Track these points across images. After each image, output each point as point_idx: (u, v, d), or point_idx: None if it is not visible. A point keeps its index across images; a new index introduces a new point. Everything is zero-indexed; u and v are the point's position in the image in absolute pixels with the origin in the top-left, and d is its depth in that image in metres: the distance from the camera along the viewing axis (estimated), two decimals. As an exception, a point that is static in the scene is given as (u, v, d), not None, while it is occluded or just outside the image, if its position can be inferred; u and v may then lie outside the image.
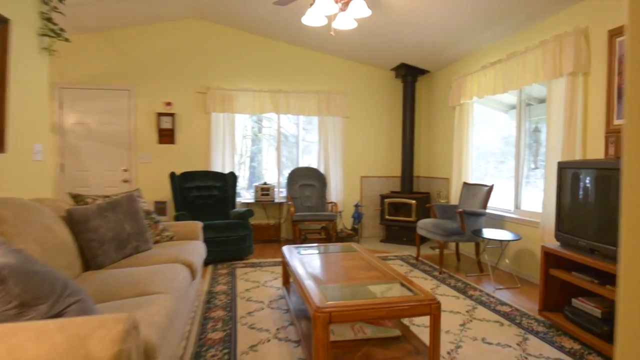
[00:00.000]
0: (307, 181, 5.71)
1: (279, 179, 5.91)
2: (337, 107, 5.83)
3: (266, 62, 5.69)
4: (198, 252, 3.04)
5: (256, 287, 3.62)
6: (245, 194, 5.88)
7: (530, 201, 4.20)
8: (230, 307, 3.10)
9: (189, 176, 5.01)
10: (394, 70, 6.01)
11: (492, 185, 4.20)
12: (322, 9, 3.12)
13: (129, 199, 2.90)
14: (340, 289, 2.24)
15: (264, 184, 5.62)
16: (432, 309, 2.02)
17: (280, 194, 5.89)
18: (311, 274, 2.51)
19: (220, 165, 5.53)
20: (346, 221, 5.99)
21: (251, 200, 5.69)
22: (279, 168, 5.91)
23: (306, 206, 5.61)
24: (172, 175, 4.84)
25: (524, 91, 4.23)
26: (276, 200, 5.66)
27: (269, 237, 5.65)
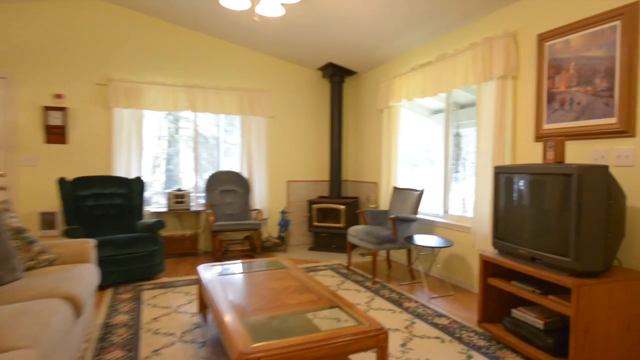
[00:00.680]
0: (229, 186, 5.18)
1: (196, 184, 5.29)
2: (261, 107, 5.39)
3: (181, 54, 5.06)
4: (87, 279, 2.41)
5: (166, 314, 3.05)
6: (161, 201, 5.17)
7: (457, 205, 4.17)
8: (132, 345, 2.52)
9: (83, 182, 4.20)
10: (321, 69, 5.75)
11: (423, 189, 4.09)
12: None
13: (-13, 214, 2.19)
14: (270, 321, 1.83)
15: (178, 190, 4.98)
16: (380, 340, 1.71)
17: (198, 200, 5.28)
18: (233, 302, 2.06)
19: (125, 170, 4.78)
20: (272, 229, 5.57)
21: (164, 208, 5.01)
22: (196, 172, 5.30)
23: (227, 214, 5.09)
24: (62, 182, 4.02)
25: (449, 95, 4.20)
26: (193, 208, 5.05)
27: (184, 250, 5.01)
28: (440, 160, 4.32)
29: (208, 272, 2.66)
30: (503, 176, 2.68)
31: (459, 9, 3.47)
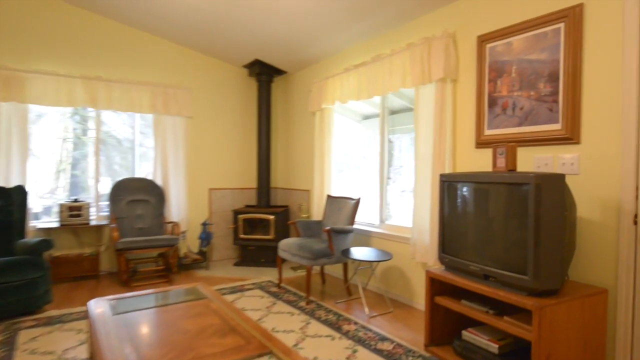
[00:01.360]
0: (139, 196, 4.47)
1: (96, 193, 4.49)
2: (178, 105, 4.76)
3: (79, 40, 4.27)
4: None
5: (46, 364, 2.37)
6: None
7: (394, 214, 3.97)
8: (-13, 418, 1.84)
9: (-62, 193, 3.28)
10: (247, 67, 5.27)
11: (359, 198, 3.82)
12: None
13: None
14: (179, 386, 1.35)
15: (75, 200, 4.17)
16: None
17: (103, 213, 4.49)
18: (128, 356, 1.54)
19: (3, 177, 3.87)
20: (192, 243, 4.94)
21: (56, 223, 4.15)
22: (97, 179, 4.50)
23: (137, 228, 4.37)
24: None
25: (385, 99, 4.00)
26: (94, 222, 4.26)
27: (82, 273, 4.19)
28: (375, 167, 4.10)
29: (100, 309, 2.07)
30: (450, 185, 2.46)
31: (396, 6, 3.25)
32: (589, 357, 1.99)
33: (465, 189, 2.35)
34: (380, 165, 4.00)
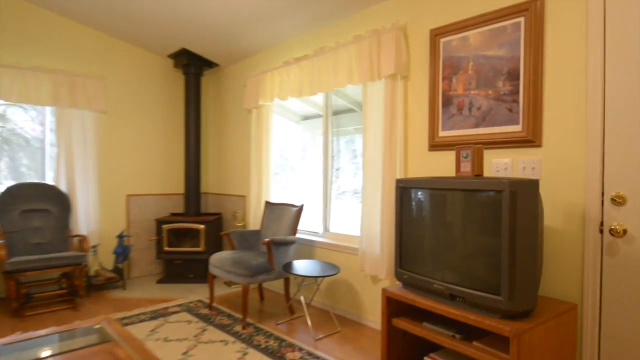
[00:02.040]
0: (36, 205, 3.70)
1: (-20, 203, 3.64)
2: (87, 97, 4.04)
3: (-49, 11, 3.42)
4: None
5: None
6: None
7: (338, 222, 3.67)
8: None
9: None
10: (172, 57, 4.68)
11: (302, 205, 3.46)
12: None
13: None
14: None
15: (-55, 213, 3.32)
16: None
17: (-16, 227, 3.64)
18: None
19: None
20: (106, 259, 4.23)
21: None
22: (-20, 186, 3.66)
23: (34, 244, 3.61)
24: None
25: (329, 97, 3.69)
26: (-27, 240, 3.43)
27: (-44, 303, 3.35)
28: (316, 170, 3.77)
29: (-47, 373, 1.48)
30: (407, 192, 2.19)
31: (344, -7, 2.95)
32: (561, 381, 1.81)
33: (425, 197, 2.09)
34: (324, 168, 3.67)
